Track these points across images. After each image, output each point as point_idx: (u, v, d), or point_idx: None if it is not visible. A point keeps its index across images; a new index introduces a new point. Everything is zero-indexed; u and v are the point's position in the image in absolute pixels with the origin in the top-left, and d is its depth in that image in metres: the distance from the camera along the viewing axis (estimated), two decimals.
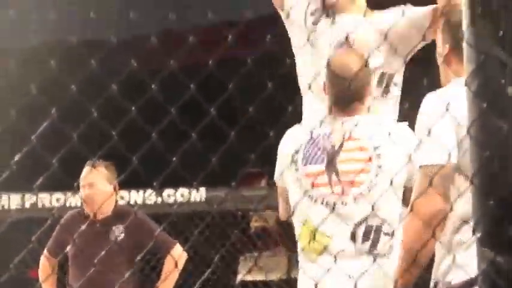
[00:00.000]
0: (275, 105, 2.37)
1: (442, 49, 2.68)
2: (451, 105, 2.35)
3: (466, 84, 1.85)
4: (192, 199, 6.36)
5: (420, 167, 2.46)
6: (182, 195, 6.35)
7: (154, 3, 6.36)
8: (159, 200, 6.37)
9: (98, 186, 4.77)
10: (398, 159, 2.98)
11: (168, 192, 6.32)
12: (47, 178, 1.85)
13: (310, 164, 3.07)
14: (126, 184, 5.34)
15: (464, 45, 1.92)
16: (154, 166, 2.08)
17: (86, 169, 4.79)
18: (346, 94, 3.07)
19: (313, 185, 3.03)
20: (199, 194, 6.34)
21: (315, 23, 3.47)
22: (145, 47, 1.97)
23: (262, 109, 1.93)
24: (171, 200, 6.29)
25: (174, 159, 1.86)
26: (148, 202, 6.34)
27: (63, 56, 1.90)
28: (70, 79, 1.90)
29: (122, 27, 6.38)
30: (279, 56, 2.57)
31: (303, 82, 3.47)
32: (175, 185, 6.13)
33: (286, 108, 1.90)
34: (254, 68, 1.98)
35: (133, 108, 1.88)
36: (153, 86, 1.93)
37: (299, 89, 3.49)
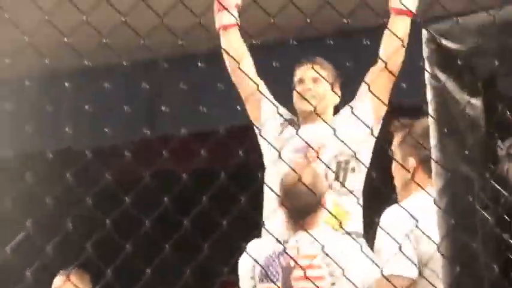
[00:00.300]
0: (247, 218, 2.40)
1: (403, 161, 2.74)
2: (414, 219, 2.37)
3: (435, 202, 1.89)
4: None
5: (384, 276, 2.47)
6: None
7: (128, 116, 6.43)
8: None
9: None
10: (352, 274, 2.85)
11: None
12: None
13: (267, 281, 3.05)
14: None
15: (432, 162, 1.98)
16: (129, 278, 2.09)
17: (59, 278, 4.70)
18: (298, 208, 3.07)
19: None
20: None
21: (280, 133, 3.66)
22: (120, 158, 2.00)
23: (235, 221, 1.96)
24: None
25: (148, 271, 1.87)
26: None
27: (39, 167, 1.93)
28: (45, 191, 1.92)
29: (97, 137, 6.41)
30: (252, 169, 2.62)
31: (268, 195, 3.51)
32: None
33: (258, 222, 1.93)
34: (227, 181, 2.01)
35: (107, 221, 1.90)
36: (126, 199, 1.95)
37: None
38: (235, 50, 3.68)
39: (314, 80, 3.70)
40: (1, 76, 6.71)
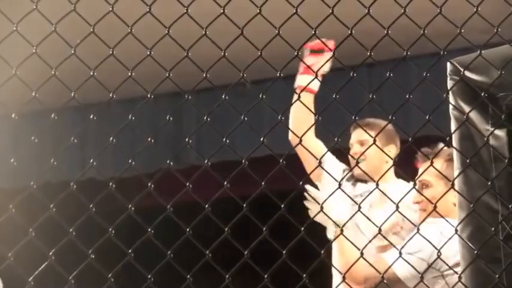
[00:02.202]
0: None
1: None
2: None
3: (457, 231, 1.89)
4: None
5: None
6: None
7: (154, 146, 6.47)
8: None
9: None
10: None
11: None
12: None
13: None
14: None
15: (456, 193, 1.97)
16: None
17: None
18: None
19: None
20: None
21: (350, 189, 3.82)
22: (143, 188, 2.01)
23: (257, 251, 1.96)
24: None
25: None
26: None
27: (62, 197, 1.94)
28: (68, 221, 1.93)
29: (120, 169, 6.44)
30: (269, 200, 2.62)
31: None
32: None
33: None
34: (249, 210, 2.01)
35: (130, 251, 1.91)
36: (149, 230, 1.95)
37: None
38: (304, 114, 3.76)
39: (361, 143, 3.82)
40: (27, 108, 6.78)
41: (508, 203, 1.89)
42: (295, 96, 3.69)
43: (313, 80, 3.63)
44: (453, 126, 2.02)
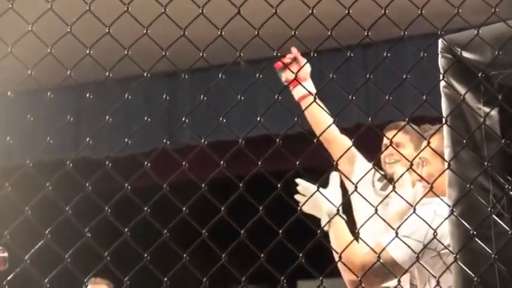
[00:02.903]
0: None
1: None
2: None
3: (452, 211, 1.90)
4: None
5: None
6: None
7: (149, 125, 6.45)
8: None
9: None
10: None
11: None
12: None
13: None
14: None
15: (447, 172, 1.98)
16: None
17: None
18: None
19: None
20: None
21: (383, 189, 3.96)
22: (139, 167, 2.02)
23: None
24: None
25: (166, 279, 1.89)
26: None
27: (58, 176, 1.94)
28: (64, 200, 1.93)
29: (114, 148, 6.45)
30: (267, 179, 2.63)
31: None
32: None
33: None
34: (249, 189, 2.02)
35: (126, 230, 1.92)
36: (145, 209, 1.96)
37: None
38: (319, 114, 3.82)
39: (397, 145, 3.92)
40: (22, 87, 6.77)
41: (499, 182, 1.91)
42: (304, 105, 3.82)
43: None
44: (444, 104, 2.03)
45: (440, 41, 2.00)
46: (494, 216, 1.88)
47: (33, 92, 6.61)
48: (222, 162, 1.93)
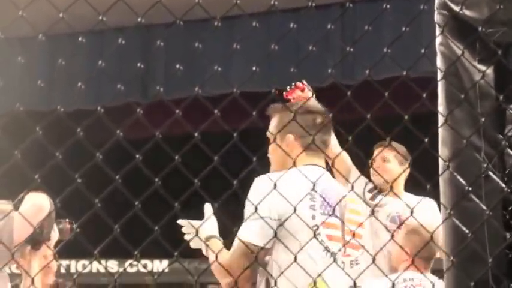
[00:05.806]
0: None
1: None
2: None
3: (443, 169, 1.91)
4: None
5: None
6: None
7: (143, 75, 6.46)
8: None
9: None
10: None
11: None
12: None
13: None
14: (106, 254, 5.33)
15: (440, 130, 1.99)
16: (139, 234, 2.10)
17: None
18: None
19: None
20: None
21: (371, 199, 4.53)
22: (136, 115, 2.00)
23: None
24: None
25: (157, 228, 1.89)
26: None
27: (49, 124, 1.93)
28: (54, 147, 1.92)
29: (108, 96, 6.48)
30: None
31: None
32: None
33: None
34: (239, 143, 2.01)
35: (117, 177, 1.91)
36: (137, 156, 1.95)
37: None
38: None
39: (383, 160, 4.58)
40: (15, 33, 6.69)
41: (491, 140, 1.92)
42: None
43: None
44: (439, 61, 2.03)
45: None
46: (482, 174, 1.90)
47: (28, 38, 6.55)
48: (216, 111, 1.92)
